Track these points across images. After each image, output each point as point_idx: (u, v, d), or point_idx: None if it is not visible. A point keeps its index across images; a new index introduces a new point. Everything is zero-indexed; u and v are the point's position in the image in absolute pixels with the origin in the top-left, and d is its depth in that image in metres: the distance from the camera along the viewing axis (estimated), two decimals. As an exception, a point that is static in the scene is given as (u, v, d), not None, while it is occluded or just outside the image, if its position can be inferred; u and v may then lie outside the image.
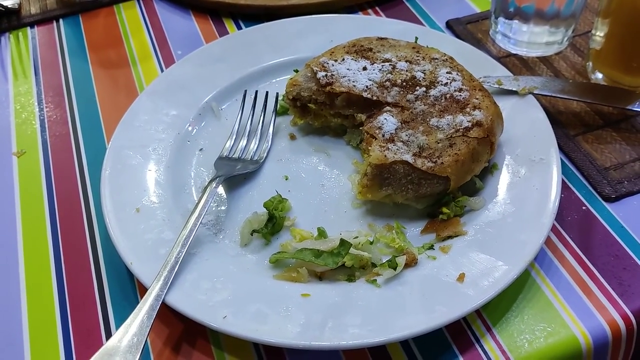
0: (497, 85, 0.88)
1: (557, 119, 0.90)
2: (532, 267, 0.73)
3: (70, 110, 0.98)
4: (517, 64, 1.00)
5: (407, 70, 0.83)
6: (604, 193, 0.81)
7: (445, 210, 0.76)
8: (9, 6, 1.15)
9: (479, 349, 0.67)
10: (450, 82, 0.81)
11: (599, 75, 0.94)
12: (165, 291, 0.67)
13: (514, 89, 0.88)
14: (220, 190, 0.82)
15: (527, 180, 0.77)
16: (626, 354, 0.71)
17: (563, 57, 1.01)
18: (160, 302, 0.66)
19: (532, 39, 1.00)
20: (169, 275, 0.68)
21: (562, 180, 0.79)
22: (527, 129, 0.83)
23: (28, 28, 1.14)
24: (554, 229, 0.77)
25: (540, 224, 0.72)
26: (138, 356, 0.61)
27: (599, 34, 0.91)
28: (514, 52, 1.01)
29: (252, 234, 0.75)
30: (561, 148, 0.85)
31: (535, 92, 0.88)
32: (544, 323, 0.69)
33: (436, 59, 0.85)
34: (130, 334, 0.63)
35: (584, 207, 0.80)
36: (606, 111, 0.91)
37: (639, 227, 0.77)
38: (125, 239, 0.73)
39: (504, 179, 0.79)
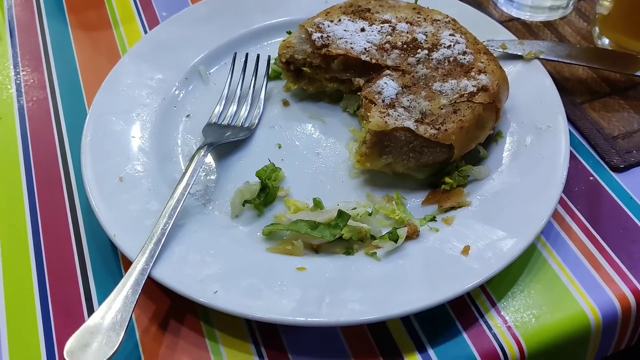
0: (501, 49, 0.84)
1: (563, 85, 0.86)
2: (538, 240, 0.70)
3: (49, 74, 0.92)
4: (520, 29, 0.95)
5: (407, 32, 0.79)
6: (612, 163, 0.77)
7: (447, 180, 0.72)
8: (-18, -36, 1.07)
9: (484, 325, 0.64)
10: (454, 45, 0.77)
11: (606, 41, 0.90)
12: (151, 265, 0.63)
13: (519, 54, 0.84)
14: (209, 159, 0.78)
15: (534, 149, 0.73)
16: (635, 329, 0.68)
17: (568, 22, 0.96)
18: (145, 277, 0.62)
19: (536, 3, 0.95)
20: (155, 248, 0.64)
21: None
22: (533, 95, 0.79)
23: (3, -13, 1.07)
24: (560, 200, 0.73)
25: (548, 195, 0.68)
26: (122, 334, 0.58)
27: (607, -3, 0.87)
28: (516, 16, 0.97)
29: (243, 205, 0.71)
30: (567, 116, 0.80)
31: (541, 56, 0.84)
32: (552, 298, 0.65)
33: (438, 20, 0.81)
34: (114, 311, 0.59)
35: (591, 178, 0.76)
36: (613, 78, 0.87)
37: (648, 198, 0.74)
38: (108, 210, 0.68)
39: (509, 148, 0.75)
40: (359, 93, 0.77)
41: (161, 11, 1.01)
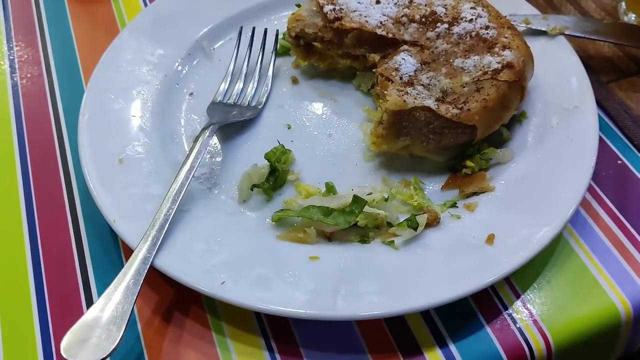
0: (524, 25, 0.79)
1: (587, 64, 0.81)
2: (564, 227, 0.66)
3: (44, 49, 0.89)
4: (541, 3, 0.90)
5: (426, 5, 0.74)
6: (641, 146, 0.73)
7: (469, 163, 0.68)
8: None
9: (508, 319, 0.60)
10: (476, 19, 0.72)
11: (632, 17, 0.85)
12: (154, 253, 0.59)
13: (542, 29, 0.79)
14: (214, 140, 0.74)
15: (561, 131, 0.69)
16: (667, 323, 0.65)
17: (592, -4, 0.91)
18: (148, 266, 0.58)
19: (559, -25, 0.90)
20: (158, 235, 0.60)
21: (596, 131, 0.71)
22: (558, 73, 0.75)
23: (-6, -43, 1.02)
24: (587, 185, 0.69)
25: (578, 179, 0.64)
26: (123, 328, 0.54)
27: (636, -31, 0.82)
28: (538, -11, 0.92)
29: (251, 189, 0.67)
30: (593, 96, 0.77)
31: (566, 32, 0.79)
32: (579, 290, 0.62)
33: (458, -8, 0.76)
34: (114, 303, 0.55)
35: (619, 161, 0.72)
36: (641, 56, 0.82)
37: (681, 183, 0.70)
38: (107, 194, 0.65)
39: (534, 129, 0.71)
40: (374, 70, 0.72)
41: (162, -17, 0.96)
